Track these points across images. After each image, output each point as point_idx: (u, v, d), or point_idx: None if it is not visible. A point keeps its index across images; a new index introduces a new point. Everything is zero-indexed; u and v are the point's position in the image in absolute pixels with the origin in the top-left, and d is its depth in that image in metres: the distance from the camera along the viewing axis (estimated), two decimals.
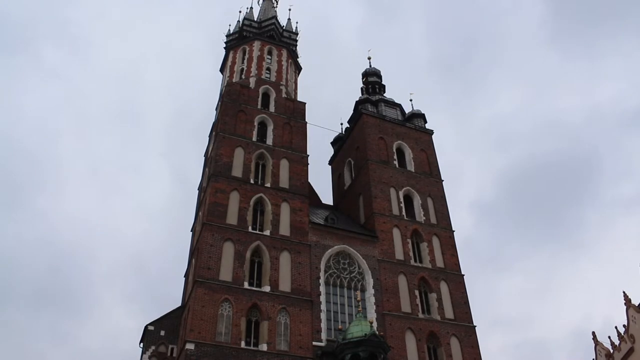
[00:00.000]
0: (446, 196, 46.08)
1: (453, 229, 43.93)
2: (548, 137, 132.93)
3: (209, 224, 35.30)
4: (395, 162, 46.55)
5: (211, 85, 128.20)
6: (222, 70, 52.87)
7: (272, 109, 44.49)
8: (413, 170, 46.73)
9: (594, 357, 52.43)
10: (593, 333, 51.35)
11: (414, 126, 50.83)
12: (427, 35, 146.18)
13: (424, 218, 43.52)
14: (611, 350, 48.39)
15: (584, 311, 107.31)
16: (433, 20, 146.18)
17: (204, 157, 47.59)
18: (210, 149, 44.05)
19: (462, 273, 41.34)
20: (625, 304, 44.06)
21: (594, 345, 52.03)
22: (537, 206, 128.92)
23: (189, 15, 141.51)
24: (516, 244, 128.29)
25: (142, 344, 36.50)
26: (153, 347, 35.94)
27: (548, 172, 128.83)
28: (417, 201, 44.48)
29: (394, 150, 47.43)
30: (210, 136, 46.91)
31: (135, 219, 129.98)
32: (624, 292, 43.73)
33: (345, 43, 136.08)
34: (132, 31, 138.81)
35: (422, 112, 52.78)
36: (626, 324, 44.85)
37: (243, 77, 46.88)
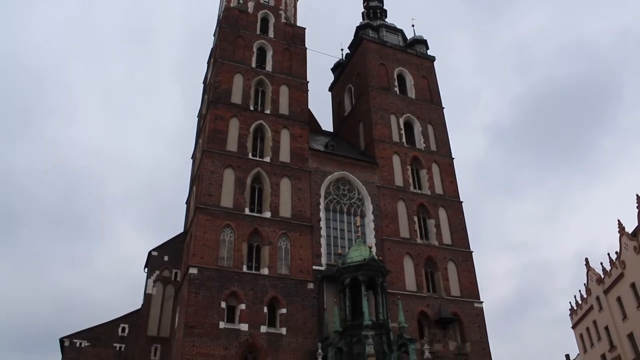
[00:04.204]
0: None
1: (453, 156, 44.08)
2: (569, 60, 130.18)
3: (209, 151, 35.35)
4: (396, 89, 46.07)
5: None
6: None
7: (271, 34, 43.56)
8: (414, 97, 46.29)
9: (585, 282, 54.01)
10: (586, 259, 52.87)
11: (416, 52, 49.98)
12: None
13: (424, 145, 43.54)
14: (602, 276, 49.75)
15: (591, 236, 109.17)
16: None
17: (202, 84, 47.07)
18: (209, 75, 43.49)
19: (461, 200, 41.79)
20: (619, 231, 44.93)
21: (586, 270, 53.53)
22: (553, 130, 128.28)
23: None
24: (530, 168, 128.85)
25: (146, 269, 37.35)
26: (157, 272, 36.82)
27: (566, 96, 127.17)
28: (417, 128, 44.35)
29: (395, 77, 46.83)
30: (208, 63, 46.20)
31: (149, 144, 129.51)
32: (618, 220, 44.62)
33: None
34: None
35: (424, 38, 51.70)
36: (618, 250, 45.93)
37: (241, 1, 45.58)
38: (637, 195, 41.04)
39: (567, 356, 79.90)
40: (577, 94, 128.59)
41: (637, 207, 41.41)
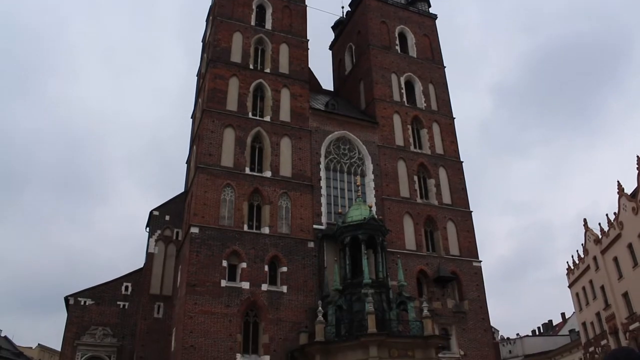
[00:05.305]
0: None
1: (454, 116, 43.85)
2: (580, 19, 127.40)
3: (209, 110, 35.14)
4: (397, 48, 45.47)
5: None
6: None
7: None
8: (415, 56, 45.71)
9: (583, 242, 54.51)
10: (584, 220, 53.30)
11: (417, 10, 49.16)
12: None
13: (425, 104, 43.25)
14: (599, 236, 50.18)
15: (593, 198, 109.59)
16: None
17: (201, 43, 46.46)
18: (208, 34, 42.89)
19: (461, 160, 41.79)
20: (618, 192, 45.13)
21: (584, 231, 53.96)
22: (560, 90, 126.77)
23: None
24: (535, 129, 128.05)
25: (148, 228, 37.57)
26: (159, 232, 37.06)
27: (574, 56, 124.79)
28: (418, 87, 43.98)
29: (396, 35, 46.14)
30: (207, 21, 45.52)
31: (151, 104, 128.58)
32: (618, 181, 44.81)
33: None
34: None
35: None
36: (617, 211, 46.24)
37: None
38: (637, 156, 41.07)
39: (563, 314, 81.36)
40: (585, 54, 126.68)
41: (638, 168, 41.46)
